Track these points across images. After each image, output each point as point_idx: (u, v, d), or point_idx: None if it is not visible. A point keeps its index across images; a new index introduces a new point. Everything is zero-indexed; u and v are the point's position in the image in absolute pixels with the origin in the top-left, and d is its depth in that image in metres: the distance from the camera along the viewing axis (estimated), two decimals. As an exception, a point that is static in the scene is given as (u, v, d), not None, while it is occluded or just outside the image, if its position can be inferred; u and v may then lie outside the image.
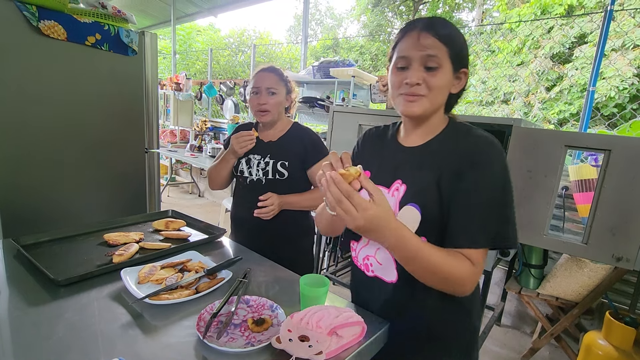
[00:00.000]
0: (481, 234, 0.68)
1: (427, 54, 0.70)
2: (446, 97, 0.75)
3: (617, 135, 1.85)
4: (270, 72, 1.30)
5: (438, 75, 0.70)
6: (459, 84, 0.75)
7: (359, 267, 0.88)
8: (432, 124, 0.78)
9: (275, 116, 1.31)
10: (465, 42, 0.74)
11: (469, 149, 0.71)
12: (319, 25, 15.56)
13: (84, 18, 1.51)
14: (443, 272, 0.66)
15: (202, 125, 4.63)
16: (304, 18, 3.91)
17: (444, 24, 0.72)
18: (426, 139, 0.78)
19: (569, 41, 5.39)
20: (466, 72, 0.74)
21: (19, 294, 0.82)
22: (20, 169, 1.45)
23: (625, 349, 1.56)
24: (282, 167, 1.28)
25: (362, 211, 0.60)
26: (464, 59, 0.73)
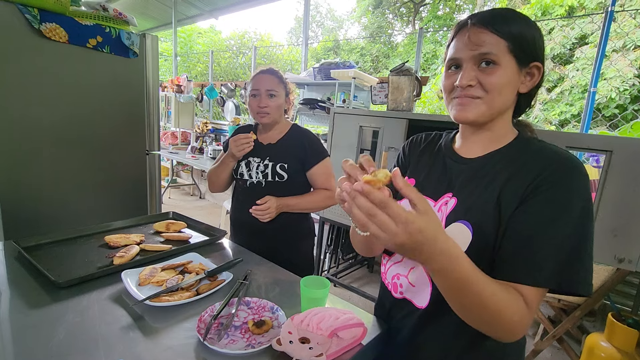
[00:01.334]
0: (546, 270, 0.54)
1: (479, 52, 0.59)
2: (512, 99, 0.63)
3: (618, 136, 1.85)
4: (269, 74, 1.30)
5: (496, 73, 0.59)
6: (529, 82, 0.62)
7: (387, 286, 0.77)
8: (497, 133, 0.65)
9: (275, 118, 1.31)
10: (537, 32, 0.61)
11: (541, 168, 0.58)
12: (320, 27, 15.61)
13: (85, 21, 1.52)
14: (492, 310, 0.52)
15: (203, 127, 4.64)
16: (304, 20, 3.92)
17: (503, 14, 0.60)
18: (488, 150, 0.65)
19: (569, 42, 5.39)
20: (539, 66, 0.61)
21: (19, 296, 0.82)
22: (22, 171, 1.46)
23: (628, 350, 1.55)
24: (281, 170, 1.28)
25: (402, 225, 0.45)
26: (535, 51, 0.60)
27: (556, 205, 0.56)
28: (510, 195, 0.59)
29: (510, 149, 0.64)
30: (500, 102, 0.62)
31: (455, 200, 0.66)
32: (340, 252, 2.91)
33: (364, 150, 2.38)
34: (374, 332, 0.77)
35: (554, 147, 0.62)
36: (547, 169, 0.58)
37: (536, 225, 0.56)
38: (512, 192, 0.59)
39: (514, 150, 0.64)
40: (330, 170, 1.35)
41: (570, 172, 0.57)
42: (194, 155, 4.02)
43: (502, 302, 0.53)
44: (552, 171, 0.58)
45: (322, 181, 1.32)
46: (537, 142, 0.64)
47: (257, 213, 1.23)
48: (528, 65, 0.61)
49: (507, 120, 0.66)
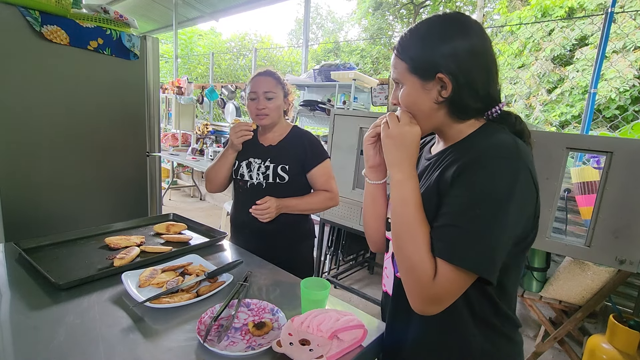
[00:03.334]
0: (450, 249, 0.57)
1: (393, 77, 0.69)
2: (431, 110, 0.65)
3: (619, 138, 1.85)
4: (267, 76, 1.29)
5: (402, 92, 0.67)
6: (444, 90, 0.63)
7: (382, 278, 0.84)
8: (447, 134, 0.69)
9: (274, 119, 1.30)
10: (453, 41, 0.62)
11: (467, 157, 0.60)
12: (320, 28, 15.64)
13: (86, 23, 1.52)
14: (413, 251, 0.59)
15: (203, 129, 4.65)
16: (305, 22, 3.93)
17: (411, 34, 0.65)
18: (445, 146, 0.71)
19: (569, 43, 5.40)
20: (442, 77, 0.62)
21: (20, 298, 0.82)
22: (23, 173, 1.46)
23: (629, 352, 1.54)
24: (282, 171, 1.28)
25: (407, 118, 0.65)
26: (434, 64, 0.62)
27: (465, 190, 0.58)
28: (444, 186, 0.62)
29: (461, 143, 0.67)
30: (422, 113, 0.66)
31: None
32: (341, 253, 2.91)
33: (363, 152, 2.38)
34: (374, 334, 0.77)
35: (495, 135, 0.63)
36: (470, 158, 0.60)
37: (451, 203, 0.59)
38: (445, 183, 0.62)
39: (459, 146, 0.67)
40: (330, 171, 1.34)
41: (494, 157, 0.58)
42: (195, 157, 4.02)
43: (420, 252, 0.59)
44: (472, 159, 0.59)
45: (321, 182, 1.32)
46: (489, 132, 0.65)
47: (257, 213, 1.22)
48: (434, 78, 0.63)
49: (449, 123, 0.68)
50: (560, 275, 1.88)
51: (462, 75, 0.62)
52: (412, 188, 0.62)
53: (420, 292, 0.59)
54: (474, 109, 0.66)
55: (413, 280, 0.59)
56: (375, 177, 0.77)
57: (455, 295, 0.58)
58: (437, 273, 0.57)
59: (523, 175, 0.57)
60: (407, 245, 0.60)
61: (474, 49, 0.62)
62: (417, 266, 0.58)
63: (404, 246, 0.61)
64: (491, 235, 0.56)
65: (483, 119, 0.68)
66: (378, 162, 0.76)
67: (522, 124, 0.69)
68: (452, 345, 0.67)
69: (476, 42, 0.63)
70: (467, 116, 0.67)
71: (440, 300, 0.58)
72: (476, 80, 0.63)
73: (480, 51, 0.63)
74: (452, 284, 0.57)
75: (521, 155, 0.58)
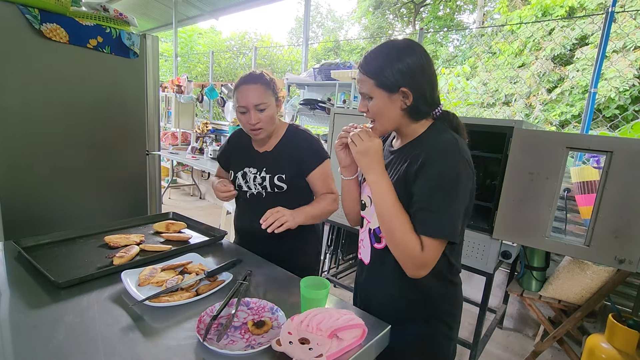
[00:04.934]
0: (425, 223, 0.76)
1: (361, 92, 0.85)
2: (396, 115, 0.83)
3: (619, 137, 1.85)
4: (254, 84, 1.15)
5: (372, 103, 0.83)
6: (407, 100, 0.81)
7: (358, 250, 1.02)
8: (406, 132, 0.88)
9: (270, 130, 1.22)
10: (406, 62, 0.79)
11: (426, 151, 0.80)
12: (320, 27, 15.61)
13: (85, 21, 1.52)
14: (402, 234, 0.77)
15: (203, 128, 4.64)
16: (305, 20, 3.92)
17: (374, 56, 0.82)
18: (404, 143, 0.89)
19: (570, 43, 5.39)
20: (405, 90, 0.79)
21: (19, 296, 0.82)
22: (22, 171, 1.46)
23: (628, 352, 1.54)
24: (279, 181, 1.21)
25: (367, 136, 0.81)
26: (398, 80, 0.79)
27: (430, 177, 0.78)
28: (409, 176, 0.81)
29: (415, 142, 0.87)
30: (386, 121, 0.85)
31: None
32: (340, 252, 2.91)
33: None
34: (373, 333, 0.77)
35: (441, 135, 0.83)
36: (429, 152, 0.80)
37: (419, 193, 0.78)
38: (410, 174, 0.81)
39: (417, 142, 0.86)
40: (329, 172, 1.27)
41: (443, 153, 0.79)
42: (194, 156, 4.02)
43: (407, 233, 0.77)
44: (431, 153, 0.79)
45: (321, 186, 1.24)
46: (436, 131, 0.85)
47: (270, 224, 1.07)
48: (398, 91, 0.80)
49: (408, 123, 0.86)
50: (560, 274, 1.89)
51: (418, 88, 0.80)
52: (385, 185, 0.80)
53: (413, 262, 0.77)
54: (425, 112, 0.85)
55: (405, 255, 0.78)
56: (349, 174, 0.96)
57: (437, 258, 0.78)
58: (423, 246, 0.76)
59: (462, 163, 0.78)
60: (395, 229, 0.78)
61: (423, 67, 0.81)
62: (407, 244, 0.77)
63: (393, 230, 0.78)
64: (452, 209, 0.77)
65: (431, 119, 0.88)
66: (349, 163, 0.94)
67: (457, 119, 0.89)
68: (416, 295, 0.88)
69: (424, 60, 0.81)
70: (420, 117, 0.86)
71: (428, 265, 0.78)
72: (426, 90, 0.82)
73: (427, 67, 0.82)
74: (434, 251, 0.77)
75: (459, 149, 0.79)
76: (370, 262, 0.94)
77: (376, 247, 0.91)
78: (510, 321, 2.42)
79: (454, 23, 11.02)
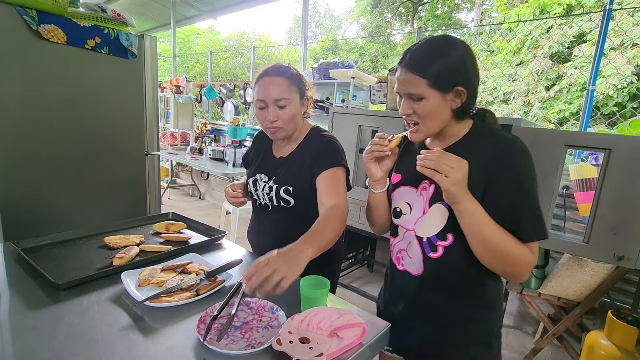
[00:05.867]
0: (531, 229, 0.73)
1: (407, 92, 0.78)
2: (446, 116, 0.79)
3: (617, 134, 1.85)
4: (277, 77, 1.04)
5: (422, 104, 0.77)
6: (459, 100, 0.77)
7: (393, 261, 0.95)
8: (449, 133, 0.83)
9: (290, 130, 1.09)
10: (459, 59, 0.75)
11: (494, 152, 0.76)
12: (319, 26, 15.60)
13: (83, 22, 1.51)
14: (503, 248, 0.73)
15: (202, 128, 4.64)
16: (303, 20, 3.92)
17: (424, 53, 0.75)
18: (447, 144, 0.83)
19: (568, 40, 5.40)
20: (460, 89, 0.75)
21: (19, 298, 0.82)
22: (21, 172, 1.46)
23: (627, 348, 1.55)
24: (286, 194, 1.08)
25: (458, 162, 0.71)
26: (456, 77, 0.75)
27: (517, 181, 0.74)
28: (474, 179, 0.74)
29: (465, 142, 0.82)
30: (435, 123, 0.79)
31: (434, 186, 0.82)
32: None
33: (363, 149, 2.38)
34: (373, 332, 0.77)
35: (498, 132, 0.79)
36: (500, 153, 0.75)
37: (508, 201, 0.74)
38: (475, 176, 0.74)
39: (468, 142, 0.81)
40: (338, 181, 1.04)
41: (518, 152, 0.75)
42: (193, 156, 4.02)
43: (518, 247, 0.73)
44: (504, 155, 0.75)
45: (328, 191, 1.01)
46: (486, 129, 0.82)
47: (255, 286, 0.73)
48: (452, 90, 0.76)
49: (453, 124, 0.82)
50: (559, 272, 1.89)
51: (471, 86, 0.76)
52: (481, 211, 0.73)
53: (530, 268, 0.75)
54: (470, 110, 0.81)
55: (526, 266, 0.74)
56: (380, 187, 0.92)
57: None
58: (532, 250, 0.75)
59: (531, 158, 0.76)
60: (508, 249, 0.73)
61: (474, 63, 0.77)
62: (522, 257, 0.73)
63: (506, 251, 0.73)
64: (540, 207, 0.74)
65: (469, 118, 0.83)
66: (380, 176, 0.89)
67: (495, 118, 0.85)
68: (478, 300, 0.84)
69: (473, 58, 0.77)
70: (465, 117, 0.82)
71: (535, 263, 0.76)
72: (476, 88, 0.79)
73: (476, 65, 0.78)
74: (537, 249, 0.76)
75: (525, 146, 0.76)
76: (423, 273, 0.85)
77: (431, 257, 0.83)
78: (510, 319, 2.42)
79: (452, 21, 11.02)
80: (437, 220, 0.81)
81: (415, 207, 0.86)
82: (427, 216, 0.83)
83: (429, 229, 0.83)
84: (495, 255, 0.74)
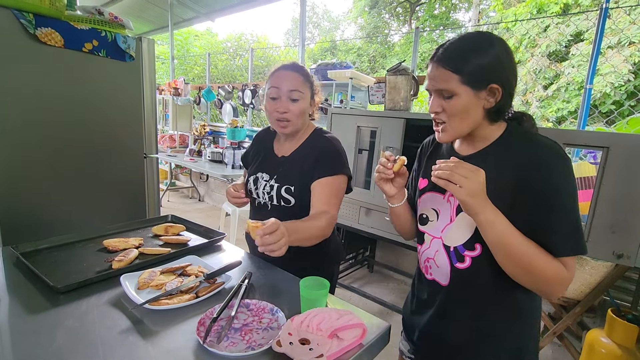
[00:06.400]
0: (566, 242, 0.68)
1: (437, 88, 0.73)
2: (478, 116, 0.74)
3: (615, 133, 1.85)
4: (293, 72, 1.07)
5: (453, 102, 0.72)
6: (493, 99, 0.72)
7: (421, 269, 0.91)
8: (481, 135, 0.78)
9: (297, 126, 1.09)
10: (495, 56, 0.70)
11: (528, 157, 0.71)
12: (317, 28, 15.62)
13: (80, 25, 1.51)
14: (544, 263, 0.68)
15: (201, 130, 4.64)
16: (301, 21, 3.92)
17: (458, 48, 0.71)
18: (479, 148, 0.79)
19: (565, 39, 5.42)
20: (495, 87, 0.70)
21: (18, 302, 0.82)
22: (19, 176, 1.45)
23: (628, 346, 1.55)
24: (287, 193, 1.08)
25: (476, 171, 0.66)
26: (491, 75, 0.70)
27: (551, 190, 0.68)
28: (504, 185, 0.71)
29: (497, 146, 0.77)
30: (465, 123, 0.74)
31: None
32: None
33: (362, 150, 2.38)
34: (373, 332, 0.77)
35: (535, 137, 0.74)
36: (536, 157, 0.70)
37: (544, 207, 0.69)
38: (506, 182, 0.71)
39: (500, 146, 0.76)
40: (337, 190, 1.07)
41: (554, 158, 0.69)
42: (192, 158, 4.01)
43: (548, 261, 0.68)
44: (538, 161, 0.69)
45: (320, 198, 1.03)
46: (522, 133, 0.76)
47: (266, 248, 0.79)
48: (486, 88, 0.71)
49: (485, 125, 0.77)
50: (559, 270, 1.89)
51: (507, 84, 0.72)
52: (504, 222, 0.68)
53: (564, 285, 0.69)
54: (505, 112, 0.76)
55: (559, 282, 0.69)
56: (398, 201, 0.89)
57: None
58: (566, 266, 0.69)
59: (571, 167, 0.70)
60: (535, 264, 0.68)
61: (511, 61, 0.73)
62: (555, 274, 0.68)
63: (533, 266, 0.68)
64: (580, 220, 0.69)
65: (503, 121, 0.78)
66: (394, 193, 0.87)
67: (534, 123, 0.79)
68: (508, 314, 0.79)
69: (510, 56, 0.73)
70: (499, 118, 0.76)
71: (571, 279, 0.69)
72: (513, 87, 0.73)
73: (514, 63, 0.73)
74: (574, 265, 0.70)
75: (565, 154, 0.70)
76: (450, 283, 0.82)
77: (458, 267, 0.79)
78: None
79: (450, 21, 11.04)
80: (464, 229, 0.77)
81: (443, 214, 0.83)
82: (455, 224, 0.79)
83: (456, 238, 0.79)
84: (521, 269, 0.69)
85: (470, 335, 0.82)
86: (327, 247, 1.17)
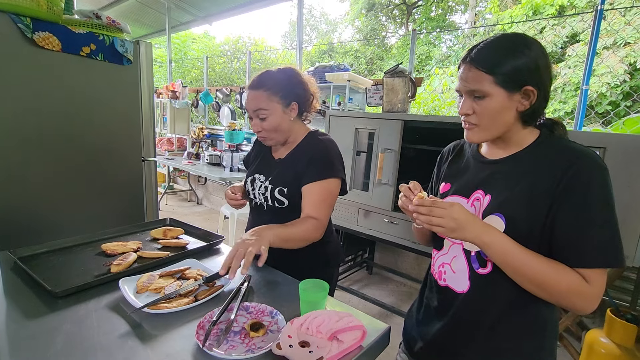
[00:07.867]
0: (593, 253, 0.66)
1: (469, 89, 0.72)
2: (510, 118, 0.72)
3: (611, 133, 1.86)
4: (257, 90, 1.06)
5: (485, 104, 0.71)
6: (527, 101, 0.70)
7: (433, 275, 0.88)
8: (513, 140, 0.76)
9: (279, 138, 1.12)
10: (531, 58, 0.68)
11: (566, 165, 0.68)
12: (314, 30, 15.68)
13: (78, 29, 1.51)
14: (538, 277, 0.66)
15: (199, 133, 4.64)
16: (298, 24, 3.94)
17: (492, 49, 0.70)
18: (510, 153, 0.76)
19: (561, 41, 5.45)
20: (530, 89, 0.69)
21: (16, 307, 0.81)
22: (17, 180, 1.45)
23: (627, 346, 1.56)
24: (280, 195, 1.10)
25: (449, 209, 0.67)
26: (527, 76, 0.69)
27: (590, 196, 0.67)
28: (540, 192, 0.69)
29: (531, 151, 0.74)
30: (496, 125, 0.73)
31: (490, 197, 0.76)
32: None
33: (360, 152, 2.38)
34: (373, 334, 0.77)
35: (572, 144, 0.71)
36: (572, 164, 0.67)
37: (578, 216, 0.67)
38: (541, 189, 0.69)
39: (534, 152, 0.74)
40: (327, 195, 1.07)
41: (591, 164, 0.67)
42: (191, 161, 4.01)
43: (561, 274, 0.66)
44: (577, 170, 0.67)
45: (309, 204, 1.05)
46: (558, 139, 0.74)
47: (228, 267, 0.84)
48: (520, 90, 0.70)
49: (518, 129, 0.75)
50: (557, 270, 1.89)
51: (542, 87, 0.70)
52: (503, 241, 0.68)
53: (585, 298, 0.66)
54: (539, 116, 0.74)
55: (579, 296, 0.66)
56: None
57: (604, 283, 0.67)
58: (589, 278, 0.65)
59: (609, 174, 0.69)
60: (547, 281, 0.67)
61: (548, 63, 0.71)
62: (574, 287, 0.65)
63: (544, 283, 0.67)
64: (616, 233, 0.68)
65: (534, 127, 0.76)
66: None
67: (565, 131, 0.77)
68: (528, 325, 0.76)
69: (547, 58, 0.71)
70: (532, 123, 0.75)
71: (601, 294, 0.67)
72: (548, 90, 0.72)
73: (549, 65, 0.72)
74: (601, 279, 0.66)
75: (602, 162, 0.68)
76: (469, 290, 0.78)
77: (479, 273, 0.76)
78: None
79: (446, 24, 11.10)
80: None
81: None
82: None
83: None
84: (532, 284, 0.68)
85: (484, 347, 0.77)
86: (326, 249, 1.19)
